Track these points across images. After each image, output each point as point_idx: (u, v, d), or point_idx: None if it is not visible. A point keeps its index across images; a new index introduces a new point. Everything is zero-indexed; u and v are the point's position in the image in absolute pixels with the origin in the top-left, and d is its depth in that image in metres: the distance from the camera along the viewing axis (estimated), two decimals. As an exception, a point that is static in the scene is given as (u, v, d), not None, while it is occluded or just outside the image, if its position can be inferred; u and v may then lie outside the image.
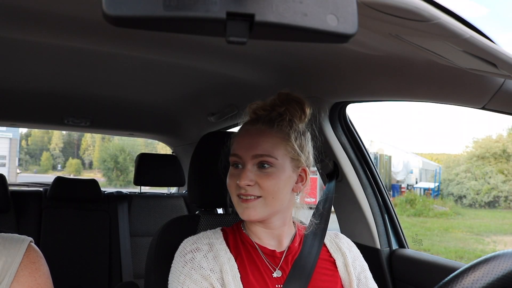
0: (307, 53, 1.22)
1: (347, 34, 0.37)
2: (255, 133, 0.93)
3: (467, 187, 16.01)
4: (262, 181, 0.90)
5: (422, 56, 0.90)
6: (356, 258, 1.04)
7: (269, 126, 0.93)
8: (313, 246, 1.00)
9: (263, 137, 0.92)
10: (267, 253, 0.96)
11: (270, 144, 0.91)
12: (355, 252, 1.06)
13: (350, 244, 1.08)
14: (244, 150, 0.91)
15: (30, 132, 38.28)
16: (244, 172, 0.90)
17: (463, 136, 40.07)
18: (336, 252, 1.03)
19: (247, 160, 0.91)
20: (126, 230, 2.45)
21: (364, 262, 1.06)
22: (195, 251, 0.93)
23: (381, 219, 1.53)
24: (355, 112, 16.46)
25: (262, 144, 0.91)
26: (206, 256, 0.93)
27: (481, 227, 11.00)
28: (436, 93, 1.07)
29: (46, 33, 1.17)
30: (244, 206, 0.91)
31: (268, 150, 0.90)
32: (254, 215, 0.91)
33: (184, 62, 1.48)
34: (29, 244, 0.86)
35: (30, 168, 37.29)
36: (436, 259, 1.36)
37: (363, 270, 1.03)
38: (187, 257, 0.92)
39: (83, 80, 1.84)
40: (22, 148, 38.11)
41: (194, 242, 0.96)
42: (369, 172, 1.55)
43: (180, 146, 3.06)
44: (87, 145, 40.80)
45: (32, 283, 0.82)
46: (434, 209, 13.10)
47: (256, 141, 0.91)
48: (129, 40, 1.23)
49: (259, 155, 0.90)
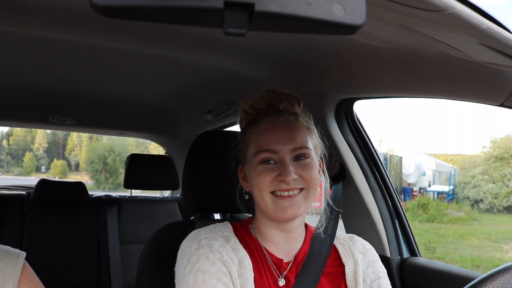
0: (311, 46, 1.22)
1: (354, 25, 0.37)
2: (286, 125, 0.94)
3: (484, 191, 15.99)
4: (303, 173, 0.92)
5: (436, 49, 0.90)
6: (371, 264, 1.03)
7: (295, 117, 0.96)
8: (319, 259, 1.00)
9: (295, 128, 0.94)
10: (274, 261, 0.97)
11: (303, 135, 0.95)
12: (371, 258, 1.04)
13: (367, 248, 1.06)
14: (281, 144, 0.92)
15: (11, 131, 38.18)
16: (286, 167, 0.90)
17: (480, 136, 39.94)
18: (347, 257, 1.03)
19: (285, 154, 0.92)
20: (115, 237, 2.45)
21: (380, 269, 1.04)
22: (211, 239, 0.93)
23: (391, 225, 1.53)
24: (362, 109, 16.48)
25: (297, 136, 0.93)
26: (224, 246, 0.92)
27: (500, 233, 10.98)
28: (451, 89, 1.07)
29: (29, 24, 1.17)
30: (286, 204, 0.91)
31: (303, 142, 0.94)
32: (298, 211, 0.92)
33: (178, 56, 1.48)
34: (24, 261, 0.89)
35: (12, 170, 37.25)
36: (451, 268, 1.36)
37: (378, 278, 1.01)
38: (203, 242, 0.92)
39: (69, 75, 1.84)
40: (3, 149, 38.06)
41: (209, 232, 0.95)
42: (378, 174, 1.55)
43: (174, 146, 3.06)
44: (73, 145, 40.75)
45: None
46: (448, 214, 13.08)
47: (290, 133, 0.93)
48: (119, 32, 1.23)
49: (298, 148, 0.92)
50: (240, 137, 1.01)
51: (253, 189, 0.95)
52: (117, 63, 1.65)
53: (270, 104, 0.98)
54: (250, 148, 0.95)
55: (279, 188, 0.90)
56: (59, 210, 2.43)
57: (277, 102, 0.98)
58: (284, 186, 0.90)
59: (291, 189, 0.90)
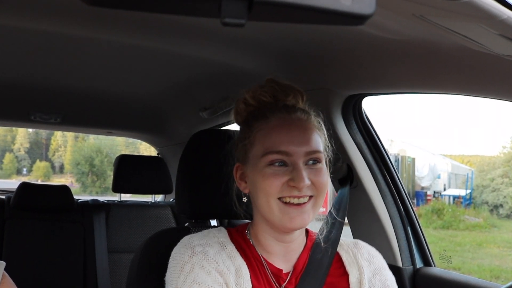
0: (316, 38, 1.22)
1: (363, 15, 0.37)
2: (299, 124, 0.92)
3: (504, 195, 16.01)
4: (316, 179, 0.90)
5: (451, 40, 0.91)
6: (378, 272, 1.03)
7: (308, 116, 0.95)
8: (319, 270, 0.99)
9: (309, 129, 0.93)
10: (273, 272, 0.97)
11: (317, 138, 0.93)
12: (377, 265, 1.04)
13: (372, 255, 1.06)
14: (294, 146, 0.90)
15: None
16: (299, 171, 0.87)
17: (500, 135, 39.84)
18: (352, 265, 1.03)
19: (299, 157, 0.89)
20: (103, 245, 2.45)
21: (388, 277, 1.04)
22: (205, 246, 0.92)
23: (403, 233, 1.53)
24: (371, 106, 16.48)
25: (312, 139, 0.92)
26: (219, 253, 0.92)
27: None
28: (468, 84, 1.07)
29: (9, 15, 1.17)
30: (295, 213, 0.89)
31: (317, 145, 0.92)
32: (306, 221, 0.91)
33: (172, 48, 1.48)
34: (3, 272, 0.91)
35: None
36: (468, 279, 1.36)
37: (385, 287, 1.02)
38: (197, 249, 0.91)
39: (53, 70, 1.84)
40: None
41: (203, 238, 0.94)
42: (389, 177, 1.55)
43: (167, 147, 3.06)
44: (57, 145, 40.74)
45: None
46: (465, 221, 13.10)
47: (304, 135, 0.92)
48: (107, 22, 1.23)
49: (312, 152, 0.91)
50: (243, 132, 0.98)
51: (256, 192, 0.92)
52: (105, 56, 1.65)
53: (274, 96, 0.97)
54: (256, 146, 0.92)
55: (289, 195, 0.89)
56: (42, 216, 2.43)
57: (282, 95, 0.97)
58: (296, 192, 0.88)
59: (302, 196, 0.89)
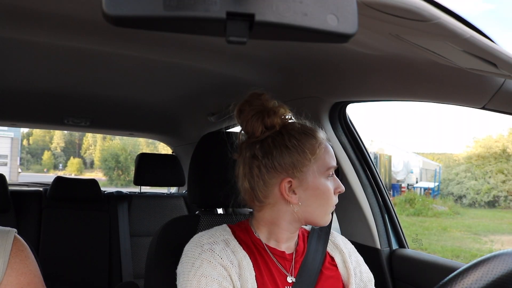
0: (307, 53, 1.22)
1: (347, 34, 0.37)
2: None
3: (467, 187, 16.01)
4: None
5: (423, 56, 0.90)
6: (352, 253, 1.06)
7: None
8: (318, 251, 1.00)
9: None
10: (278, 254, 0.96)
11: None
12: (349, 248, 1.08)
13: (345, 241, 1.10)
14: (334, 160, 0.97)
15: (31, 131, 38.31)
16: (337, 179, 0.97)
17: (465, 136, 39.91)
18: (334, 250, 1.05)
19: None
20: (126, 230, 2.45)
21: (359, 257, 1.07)
22: (213, 243, 0.92)
23: (381, 219, 1.53)
24: (355, 111, 16.50)
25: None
26: (224, 249, 0.92)
27: (479, 226, 11.00)
28: (436, 93, 1.07)
29: (46, 33, 1.17)
30: (332, 210, 0.97)
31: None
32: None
33: (184, 62, 1.48)
34: (15, 234, 0.91)
35: (32, 167, 37.26)
36: (437, 259, 1.36)
37: (358, 265, 1.05)
38: (205, 247, 0.91)
39: (82, 80, 1.84)
40: (23, 148, 38.13)
41: (211, 236, 0.94)
42: (369, 172, 1.55)
43: (180, 146, 3.06)
44: (88, 144, 40.82)
45: (25, 269, 0.87)
46: (433, 209, 13.12)
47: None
48: (129, 39, 1.23)
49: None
50: (298, 147, 0.92)
51: (316, 203, 0.92)
52: (127, 68, 1.65)
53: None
54: (319, 161, 0.93)
55: (336, 200, 0.96)
56: (74, 206, 2.43)
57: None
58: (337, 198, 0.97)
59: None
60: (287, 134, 0.93)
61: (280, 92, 1.56)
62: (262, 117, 0.95)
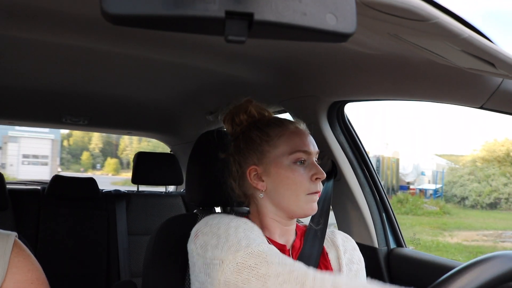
0: (306, 52, 1.22)
1: (345, 33, 0.37)
2: (306, 131, 0.99)
3: (469, 189, 16.13)
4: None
5: (421, 55, 0.90)
6: (351, 252, 1.06)
7: (304, 124, 1.02)
8: (314, 247, 1.01)
9: (310, 135, 0.99)
10: (278, 248, 0.95)
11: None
12: (350, 247, 1.07)
13: (346, 239, 1.08)
14: (311, 146, 0.96)
15: (71, 132, 38.68)
16: (317, 167, 0.94)
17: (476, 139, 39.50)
18: (330, 247, 1.05)
19: (314, 156, 0.96)
20: (124, 228, 2.44)
21: (360, 256, 1.07)
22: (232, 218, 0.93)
23: (379, 218, 1.53)
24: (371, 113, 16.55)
25: (315, 143, 0.99)
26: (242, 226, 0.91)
27: (455, 224, 11.31)
28: (435, 93, 1.07)
29: (44, 31, 1.17)
30: (313, 200, 0.94)
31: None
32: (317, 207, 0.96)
33: (182, 61, 1.47)
34: (15, 238, 0.91)
35: (71, 167, 37.40)
36: (435, 258, 1.37)
37: (357, 264, 1.04)
38: (231, 216, 0.92)
39: (81, 78, 1.84)
40: (64, 148, 38.50)
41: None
42: (367, 171, 1.55)
43: (178, 145, 3.06)
44: (125, 145, 41.15)
45: (31, 266, 0.87)
46: (423, 208, 13.30)
47: (311, 139, 0.98)
48: (127, 38, 1.22)
49: (318, 152, 0.98)
50: (256, 138, 0.96)
51: (281, 187, 0.92)
52: (125, 67, 1.64)
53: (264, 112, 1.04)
54: (280, 147, 0.93)
55: (314, 188, 0.93)
56: (72, 204, 2.43)
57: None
58: (319, 185, 0.94)
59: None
60: (254, 127, 0.98)
61: (278, 91, 1.56)
62: (232, 116, 1.03)
